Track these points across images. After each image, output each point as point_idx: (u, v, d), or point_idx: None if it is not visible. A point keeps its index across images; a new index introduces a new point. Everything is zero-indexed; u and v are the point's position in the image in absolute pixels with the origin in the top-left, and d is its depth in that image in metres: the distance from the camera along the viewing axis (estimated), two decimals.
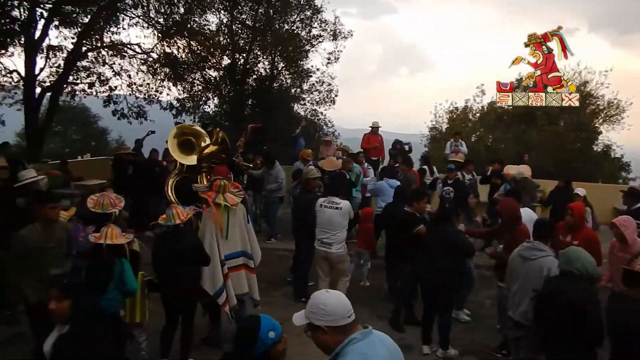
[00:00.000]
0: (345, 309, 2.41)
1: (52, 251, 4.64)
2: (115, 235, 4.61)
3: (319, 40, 19.91)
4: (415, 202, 6.37)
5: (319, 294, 2.50)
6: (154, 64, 17.12)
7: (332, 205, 6.63)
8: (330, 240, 6.61)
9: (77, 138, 28.98)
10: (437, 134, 25.96)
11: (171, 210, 5.05)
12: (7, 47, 11.16)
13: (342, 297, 2.47)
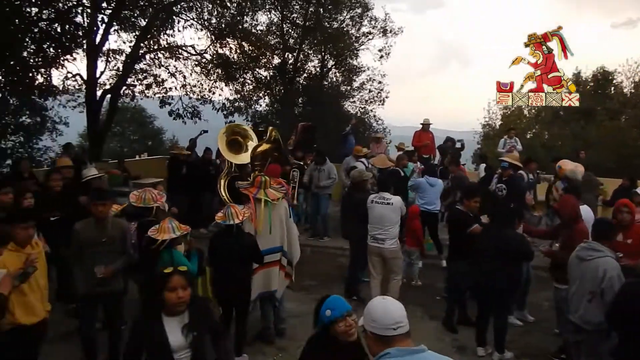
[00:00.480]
0: (390, 320, 2.29)
1: (103, 246, 4.75)
2: (166, 230, 4.78)
3: (368, 37, 19.85)
4: (466, 200, 6.25)
5: (375, 298, 2.45)
6: (207, 65, 17.50)
7: (383, 201, 6.64)
8: (382, 235, 6.60)
9: (135, 138, 30.04)
10: (490, 130, 25.36)
11: (229, 210, 5.16)
12: (72, 52, 11.71)
13: (392, 307, 2.35)
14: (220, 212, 5.30)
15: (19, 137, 13.86)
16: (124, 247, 4.91)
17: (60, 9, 10.90)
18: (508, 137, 12.43)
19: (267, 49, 16.67)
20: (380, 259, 6.77)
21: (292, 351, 5.61)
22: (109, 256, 4.76)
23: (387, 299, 2.38)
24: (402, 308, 2.33)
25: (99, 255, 4.71)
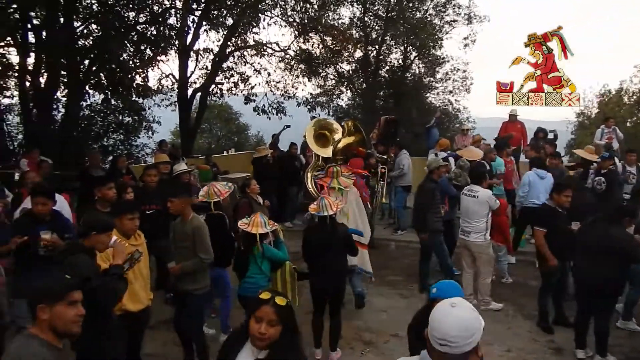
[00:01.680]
0: (438, 332, 1.91)
1: (180, 243, 4.85)
2: (258, 224, 4.90)
3: (453, 26, 19.28)
4: (556, 195, 5.93)
5: (444, 300, 2.04)
6: (290, 60, 17.79)
7: (470, 193, 6.61)
8: (468, 228, 6.57)
9: (222, 134, 31.12)
10: (585, 120, 23.78)
11: (323, 201, 5.18)
12: (166, 52, 12.36)
13: (450, 320, 1.91)
14: (313, 203, 5.35)
15: (119, 135, 14.81)
16: (196, 248, 4.77)
17: (155, 12, 11.51)
18: (606, 127, 11.57)
19: (350, 42, 16.64)
20: (469, 252, 6.68)
21: (380, 345, 5.60)
22: (184, 254, 4.78)
23: (455, 306, 1.93)
24: (462, 326, 1.88)
25: (177, 251, 4.87)
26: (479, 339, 1.91)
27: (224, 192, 5.65)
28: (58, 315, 2.38)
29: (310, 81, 18.80)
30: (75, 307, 2.44)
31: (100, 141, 14.19)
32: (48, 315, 2.37)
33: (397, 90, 19.26)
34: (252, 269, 4.94)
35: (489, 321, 6.21)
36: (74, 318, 2.43)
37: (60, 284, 2.45)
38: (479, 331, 1.91)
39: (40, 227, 4.43)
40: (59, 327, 2.39)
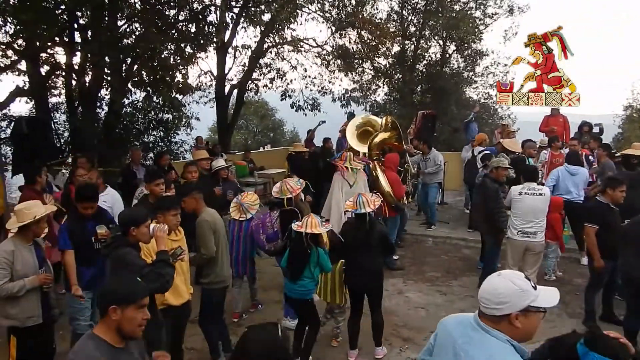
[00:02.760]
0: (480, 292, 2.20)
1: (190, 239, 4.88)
2: (315, 225, 4.81)
3: (494, 18, 18.86)
4: (610, 190, 5.66)
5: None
6: (327, 56, 17.77)
7: (533, 192, 6.29)
8: (534, 229, 6.25)
9: (258, 130, 31.41)
10: (634, 113, 22.90)
11: (361, 198, 5.14)
12: (206, 49, 12.51)
13: (487, 283, 2.18)
14: (349, 200, 5.32)
15: (160, 132, 15.12)
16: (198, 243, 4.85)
17: (195, 9, 11.67)
18: None
19: (387, 37, 16.47)
20: (522, 253, 6.40)
21: (418, 341, 5.55)
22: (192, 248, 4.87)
23: (499, 275, 2.16)
24: (492, 291, 2.10)
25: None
26: (513, 311, 2.04)
27: (296, 188, 5.75)
28: (127, 318, 2.48)
29: (346, 76, 18.72)
30: (143, 311, 2.54)
31: (141, 138, 14.51)
32: (119, 317, 2.47)
33: (435, 85, 18.97)
34: (305, 272, 4.82)
35: None
36: (141, 322, 2.53)
37: (134, 290, 2.55)
38: (512, 303, 2.04)
39: (88, 223, 4.69)
40: (125, 329, 2.49)
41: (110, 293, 2.55)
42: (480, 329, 2.11)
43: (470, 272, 7.74)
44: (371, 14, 17.93)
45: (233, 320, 6.04)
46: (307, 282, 4.83)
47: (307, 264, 4.79)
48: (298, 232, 4.82)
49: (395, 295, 6.81)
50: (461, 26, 17.33)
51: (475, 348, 2.09)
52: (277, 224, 5.76)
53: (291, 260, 4.89)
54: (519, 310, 2.04)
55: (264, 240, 5.81)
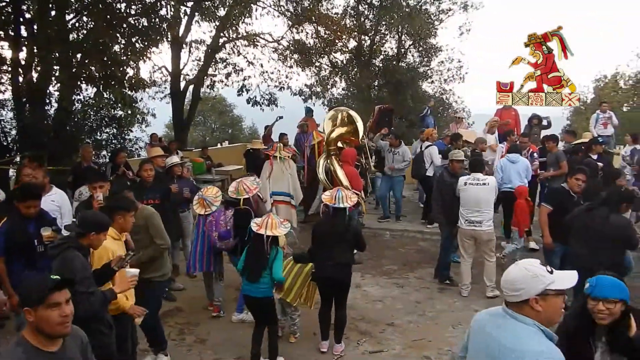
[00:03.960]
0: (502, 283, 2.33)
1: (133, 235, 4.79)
2: (275, 225, 4.78)
3: (448, 14, 19.22)
4: (569, 178, 5.96)
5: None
6: (283, 51, 17.70)
7: (477, 182, 6.47)
8: (479, 218, 6.44)
9: (216, 126, 31.08)
10: (581, 105, 23.84)
11: (339, 193, 5.17)
12: (158, 44, 12.21)
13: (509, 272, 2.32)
14: (326, 194, 5.32)
15: (113, 129, 14.71)
16: (150, 236, 4.83)
17: (147, 3, 11.37)
18: (601, 112, 11.62)
19: (343, 32, 16.54)
20: (473, 241, 6.61)
21: (375, 334, 5.62)
22: (137, 245, 4.75)
23: (518, 264, 2.30)
24: (508, 280, 2.25)
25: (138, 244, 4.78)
26: (530, 295, 2.16)
27: (253, 188, 5.70)
28: (42, 319, 2.31)
29: (304, 71, 18.73)
30: (58, 309, 2.33)
31: (93, 135, 14.09)
32: (34, 318, 2.32)
33: (392, 80, 19.18)
34: (265, 271, 4.76)
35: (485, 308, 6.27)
36: (58, 319, 2.33)
37: (37, 289, 2.34)
38: (528, 288, 2.17)
39: (30, 224, 4.54)
40: (45, 330, 2.34)
41: (20, 295, 2.43)
42: (508, 315, 2.25)
43: (426, 264, 7.89)
44: (327, 9, 17.98)
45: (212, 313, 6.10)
46: (268, 280, 4.78)
47: (267, 264, 4.74)
48: (257, 232, 4.76)
49: (353, 290, 6.77)
50: (416, 22, 17.57)
51: (504, 332, 2.22)
52: (230, 222, 5.75)
53: (250, 261, 4.82)
54: (536, 294, 2.15)
55: (216, 238, 5.81)
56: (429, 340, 5.48)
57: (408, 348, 5.33)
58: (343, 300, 5.26)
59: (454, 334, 5.58)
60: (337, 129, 8.57)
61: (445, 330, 5.72)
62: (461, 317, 6.01)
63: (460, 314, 6.11)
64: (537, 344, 2.10)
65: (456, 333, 5.59)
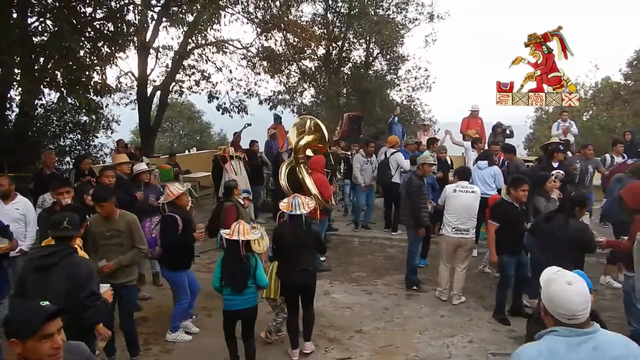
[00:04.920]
0: (566, 310, 2.17)
1: (109, 240, 4.83)
2: (246, 231, 4.73)
3: (415, 23, 19.54)
4: (513, 190, 6.01)
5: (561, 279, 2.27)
6: (252, 58, 17.68)
7: (466, 189, 6.54)
8: (467, 225, 6.51)
9: (184, 133, 30.76)
10: (543, 114, 24.55)
11: (296, 200, 5.17)
12: (124, 49, 12.04)
13: (574, 297, 2.18)
14: (283, 201, 5.32)
15: (77, 135, 14.41)
16: (132, 241, 4.92)
17: (113, 7, 11.21)
18: (561, 120, 11.99)
19: (312, 39, 16.63)
20: (454, 249, 6.65)
21: (344, 341, 5.63)
22: (119, 250, 4.82)
23: (573, 284, 2.18)
24: (583, 299, 2.16)
25: (107, 248, 4.81)
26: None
27: (174, 193, 5.49)
28: (31, 351, 2.15)
29: (273, 78, 18.74)
30: (50, 340, 2.17)
31: (56, 141, 13.78)
32: (21, 350, 2.16)
33: (360, 87, 19.37)
34: (250, 280, 4.72)
35: (451, 314, 6.40)
36: (49, 352, 2.18)
37: (29, 320, 2.16)
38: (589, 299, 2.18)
39: None
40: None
41: (7, 324, 2.23)
42: (591, 333, 2.15)
43: (395, 271, 7.96)
44: (296, 16, 18.05)
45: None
46: (254, 289, 4.75)
47: (250, 271, 4.68)
48: (231, 241, 4.69)
49: (321, 297, 6.86)
50: (383, 31, 17.81)
51: (605, 346, 2.12)
52: (156, 230, 5.59)
53: (231, 271, 4.69)
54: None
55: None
56: (397, 346, 5.53)
57: (376, 354, 5.36)
58: (310, 303, 5.29)
59: (420, 340, 5.64)
60: (305, 136, 8.59)
61: (412, 336, 5.78)
62: (428, 323, 6.09)
63: (427, 320, 6.18)
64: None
65: (423, 339, 5.66)
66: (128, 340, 5.00)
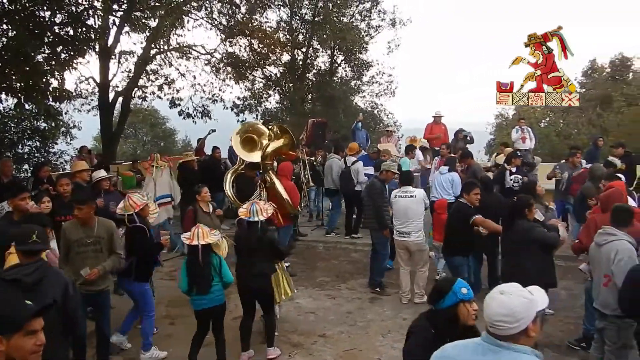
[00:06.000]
0: (486, 317, 2.19)
1: (89, 247, 4.80)
2: (206, 234, 4.87)
3: (378, 30, 19.84)
4: (466, 194, 6.31)
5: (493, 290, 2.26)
6: (217, 63, 17.60)
7: (406, 194, 6.78)
8: (408, 229, 6.73)
9: (148, 139, 30.30)
10: (503, 121, 25.21)
11: (254, 207, 5.25)
12: (84, 54, 11.80)
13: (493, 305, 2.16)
14: (242, 208, 5.37)
15: (35, 142, 14.06)
16: (111, 247, 4.94)
17: (73, 12, 10.97)
18: (519, 127, 12.35)
19: (277, 45, 16.68)
20: (406, 251, 6.91)
21: (308, 346, 5.69)
22: (97, 257, 4.82)
23: (504, 294, 2.14)
24: (507, 312, 2.09)
25: (86, 255, 4.78)
26: (528, 323, 2.10)
27: (139, 204, 5.42)
28: (15, 348, 2.13)
29: (237, 84, 18.70)
30: (35, 337, 2.18)
31: (14, 148, 13.41)
32: (4, 347, 2.12)
33: (325, 93, 19.52)
34: (214, 279, 4.89)
35: (413, 316, 6.43)
36: (32, 348, 2.17)
37: (15, 314, 2.16)
38: (528, 316, 2.09)
39: None
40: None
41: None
42: (503, 349, 2.11)
43: (358, 275, 8.07)
44: (261, 22, 18.08)
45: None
46: (219, 287, 4.91)
47: (213, 271, 4.85)
48: (191, 245, 4.85)
49: (286, 302, 6.86)
50: (347, 37, 18.01)
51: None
52: (122, 241, 5.40)
53: (195, 274, 4.87)
54: (531, 321, 2.11)
55: None
56: (360, 350, 5.61)
57: (339, 359, 5.43)
58: (268, 307, 5.38)
59: (383, 343, 5.75)
60: (272, 143, 8.61)
61: (375, 339, 5.87)
62: (391, 325, 6.21)
63: (389, 323, 6.30)
64: None
65: (385, 342, 5.76)
66: (104, 346, 4.98)
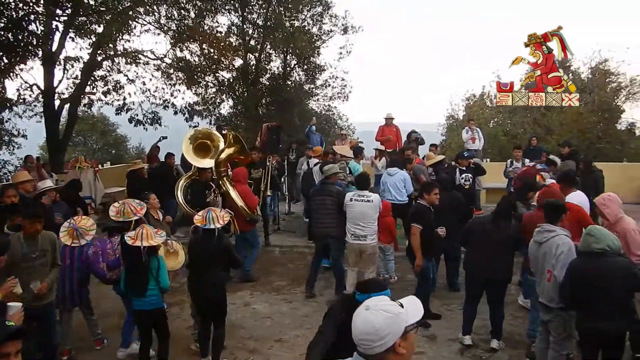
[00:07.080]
0: (353, 334, 1.97)
1: (35, 261, 4.66)
2: (150, 236, 4.77)
3: (330, 35, 19.94)
4: (426, 194, 6.35)
5: (362, 305, 2.05)
6: (167, 69, 17.31)
7: (362, 198, 6.77)
8: (364, 232, 6.73)
9: (98, 147, 29.42)
10: (454, 122, 25.81)
11: (210, 214, 5.15)
12: (26, 60, 11.39)
13: (358, 322, 1.95)
14: (198, 215, 5.28)
15: None
16: (54, 259, 4.89)
17: (14, 17, 10.58)
18: (468, 128, 12.68)
19: (228, 50, 16.55)
20: (358, 254, 6.87)
21: (264, 351, 5.65)
22: (43, 271, 4.71)
23: (369, 310, 1.93)
24: (370, 329, 1.89)
25: (32, 270, 4.63)
26: (395, 339, 1.89)
27: (140, 209, 5.45)
28: None
29: (189, 90, 18.42)
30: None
31: None
32: None
33: (279, 98, 19.47)
34: (151, 283, 4.83)
35: None
36: None
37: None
38: (393, 332, 1.89)
39: None
40: None
41: None
42: None
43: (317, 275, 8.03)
44: (211, 27, 17.88)
45: (62, 358, 5.45)
46: (156, 291, 4.84)
47: (150, 274, 4.78)
48: (132, 246, 4.75)
49: (241, 308, 6.85)
50: (299, 42, 18.04)
51: None
52: (119, 250, 5.30)
53: (132, 276, 4.82)
54: (399, 337, 1.90)
55: (104, 268, 5.35)
56: None
57: None
58: (220, 320, 5.25)
59: None
60: (225, 149, 8.56)
61: None
62: None
63: None
64: None
65: None
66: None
